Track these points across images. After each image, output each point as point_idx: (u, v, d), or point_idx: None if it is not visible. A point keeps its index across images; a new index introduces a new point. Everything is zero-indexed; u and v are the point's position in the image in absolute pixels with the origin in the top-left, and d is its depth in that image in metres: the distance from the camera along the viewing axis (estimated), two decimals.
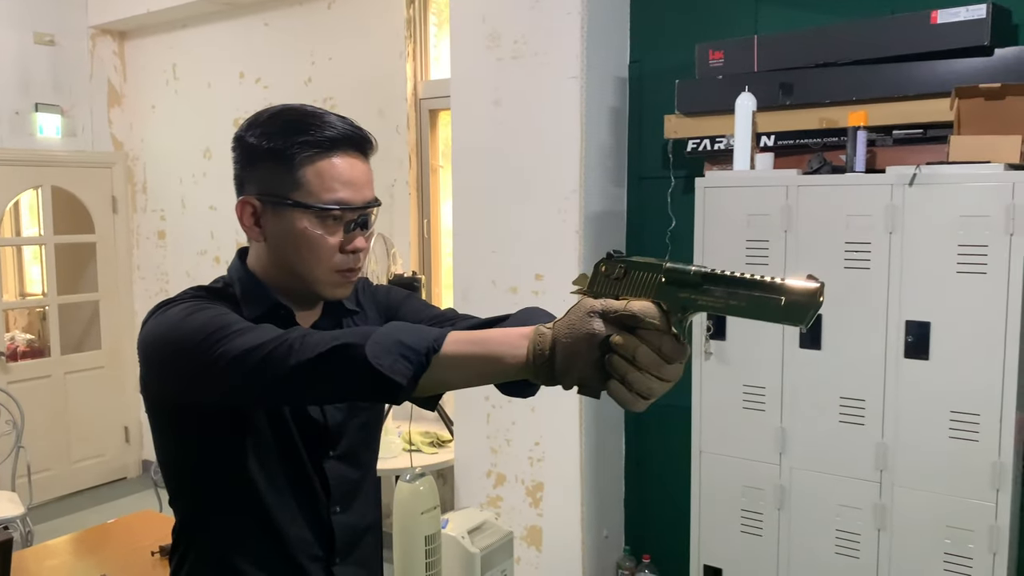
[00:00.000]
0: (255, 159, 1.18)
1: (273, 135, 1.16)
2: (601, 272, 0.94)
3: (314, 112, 1.19)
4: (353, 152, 1.19)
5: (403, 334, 0.98)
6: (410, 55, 3.90)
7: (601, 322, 0.88)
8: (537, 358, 0.92)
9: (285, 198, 1.16)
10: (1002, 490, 2.22)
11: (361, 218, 1.19)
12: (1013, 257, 2.16)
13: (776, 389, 2.55)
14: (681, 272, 0.87)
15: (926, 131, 2.47)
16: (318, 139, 1.15)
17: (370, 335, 0.98)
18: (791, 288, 0.81)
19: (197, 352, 1.06)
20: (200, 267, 4.79)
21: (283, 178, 1.16)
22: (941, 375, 2.28)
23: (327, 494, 1.27)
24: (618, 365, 0.87)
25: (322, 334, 1.02)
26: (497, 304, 3.19)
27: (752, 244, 2.56)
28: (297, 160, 1.15)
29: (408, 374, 0.96)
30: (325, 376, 1.00)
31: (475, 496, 3.37)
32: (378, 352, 0.96)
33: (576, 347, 0.89)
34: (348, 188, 1.17)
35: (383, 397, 1.00)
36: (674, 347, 0.87)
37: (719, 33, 2.91)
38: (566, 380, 0.91)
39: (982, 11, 2.29)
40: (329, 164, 1.16)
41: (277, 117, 1.19)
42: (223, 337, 1.05)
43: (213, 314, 1.10)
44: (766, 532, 2.60)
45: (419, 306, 1.40)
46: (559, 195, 3.02)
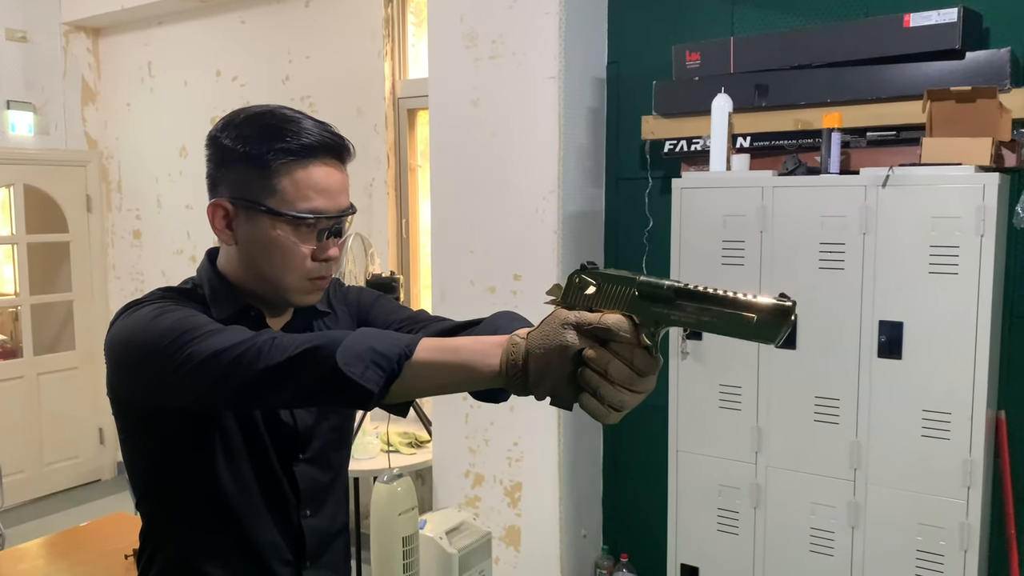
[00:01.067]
0: (229, 161, 1.17)
1: (249, 139, 1.15)
2: (575, 284, 0.94)
3: (292, 117, 1.17)
4: (330, 160, 1.17)
5: (375, 340, 0.97)
6: (388, 54, 3.88)
7: (575, 334, 0.88)
8: (510, 368, 0.92)
9: (259, 204, 1.14)
10: (973, 488, 2.25)
11: (335, 227, 1.18)
12: (983, 257, 2.19)
13: (752, 388, 2.57)
14: (655, 286, 0.87)
15: (899, 133, 2.50)
16: (295, 146, 1.14)
17: (341, 340, 0.97)
18: (763, 306, 0.81)
19: (165, 354, 1.04)
20: (176, 267, 4.74)
21: (258, 184, 1.14)
22: (914, 374, 2.31)
23: (297, 498, 1.26)
24: (590, 379, 0.87)
25: (292, 337, 1.01)
26: (475, 304, 3.19)
27: (728, 244, 2.58)
28: (273, 167, 1.13)
29: (380, 381, 0.95)
30: (294, 381, 0.99)
31: (453, 496, 3.36)
32: (349, 359, 0.95)
33: (549, 358, 0.89)
34: (323, 197, 1.16)
35: (353, 404, 0.99)
36: (647, 361, 0.87)
37: (695, 35, 2.92)
38: (538, 391, 0.91)
39: (953, 15, 2.31)
40: (305, 173, 1.14)
41: (254, 120, 1.17)
42: (191, 339, 1.04)
43: (181, 316, 1.09)
44: (742, 530, 2.62)
45: (391, 307, 1.40)
46: (537, 195, 3.02)
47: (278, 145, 1.13)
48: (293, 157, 1.14)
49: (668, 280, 0.87)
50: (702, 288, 0.85)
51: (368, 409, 1.00)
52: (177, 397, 1.08)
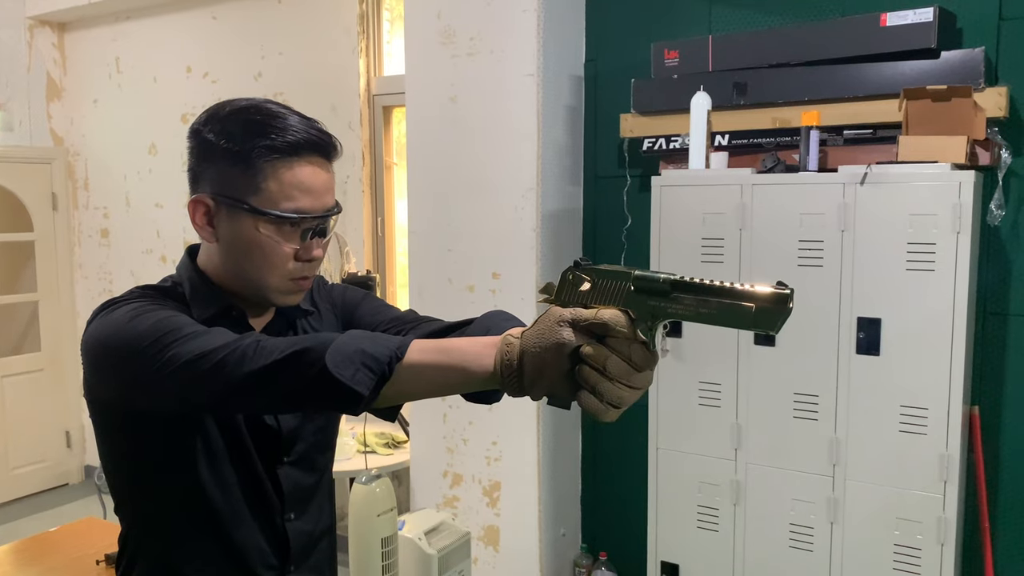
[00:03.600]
0: (211, 156, 1.13)
1: (233, 135, 1.11)
2: (568, 281, 0.92)
3: (278, 113, 1.14)
4: (316, 158, 1.14)
5: (365, 342, 0.95)
6: (363, 51, 3.84)
7: (571, 331, 0.87)
8: (505, 369, 0.90)
9: (242, 202, 1.11)
10: (949, 482, 2.27)
11: (319, 226, 1.16)
12: (960, 254, 2.22)
13: (731, 386, 2.58)
14: (650, 280, 0.86)
15: (875, 131, 2.52)
16: (280, 144, 1.11)
17: (329, 343, 0.94)
18: (762, 295, 0.81)
19: (144, 356, 1.01)
20: (146, 266, 4.65)
21: (241, 181, 1.11)
22: (891, 370, 2.33)
23: (281, 501, 1.23)
24: (588, 376, 0.86)
25: (277, 341, 0.99)
26: (453, 303, 3.17)
27: (708, 242, 2.58)
28: (257, 165, 1.10)
29: (370, 384, 0.93)
30: (281, 385, 0.96)
31: (431, 497, 3.34)
32: (339, 361, 0.93)
33: (545, 357, 0.87)
34: (308, 196, 1.13)
35: (343, 408, 0.96)
36: (644, 355, 0.86)
37: (673, 33, 2.93)
38: (535, 391, 0.90)
39: (929, 14, 2.34)
40: (291, 171, 1.11)
41: (238, 115, 1.14)
42: (173, 341, 1.01)
43: (162, 316, 1.06)
44: (722, 527, 2.63)
45: (377, 306, 1.37)
46: (516, 193, 3.00)
47: (263, 142, 1.10)
48: (278, 155, 1.11)
49: (664, 273, 0.86)
50: (699, 280, 0.85)
51: (357, 413, 0.97)
52: (158, 400, 1.05)
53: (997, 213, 2.41)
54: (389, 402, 0.98)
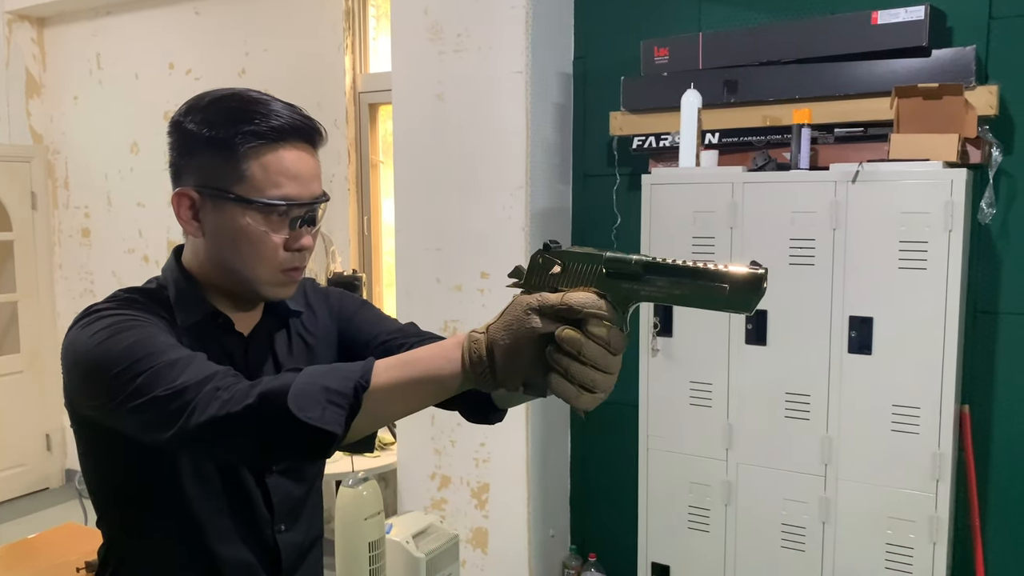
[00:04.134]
0: (194, 147, 1.09)
1: (215, 123, 1.08)
2: (538, 264, 0.90)
3: (260, 99, 1.10)
4: (301, 144, 1.11)
5: (326, 378, 0.91)
6: (348, 47, 3.80)
7: (538, 318, 0.84)
8: (475, 365, 0.87)
9: (227, 192, 1.08)
10: (941, 481, 2.27)
11: (308, 214, 1.12)
12: (951, 253, 2.21)
13: (723, 385, 2.56)
14: (622, 262, 0.84)
15: (866, 129, 2.51)
16: (264, 129, 1.07)
17: (288, 386, 0.90)
18: (735, 275, 0.79)
19: (114, 383, 0.98)
20: (127, 266, 4.58)
21: (225, 170, 1.07)
22: (883, 369, 2.32)
23: (271, 512, 1.19)
24: (559, 359, 0.83)
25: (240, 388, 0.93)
26: (441, 302, 3.14)
27: (698, 240, 2.56)
28: (241, 152, 1.07)
29: (341, 421, 0.88)
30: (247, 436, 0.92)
31: (419, 499, 3.30)
32: (304, 403, 0.88)
33: (516, 346, 0.85)
34: (295, 183, 1.09)
35: (316, 451, 0.91)
36: (618, 338, 0.84)
37: (661, 30, 2.90)
38: (510, 382, 0.87)
39: (920, 12, 2.33)
40: (276, 157, 1.08)
41: (219, 103, 1.10)
42: (144, 371, 0.97)
43: (139, 336, 1.01)
44: (713, 528, 2.61)
45: (376, 316, 1.32)
46: (505, 191, 2.97)
47: (246, 128, 1.07)
48: (262, 141, 1.07)
49: (636, 255, 0.85)
50: (671, 261, 0.83)
51: (330, 455, 0.92)
52: (127, 427, 1.01)
53: (988, 211, 2.41)
54: (363, 433, 0.94)
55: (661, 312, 2.62)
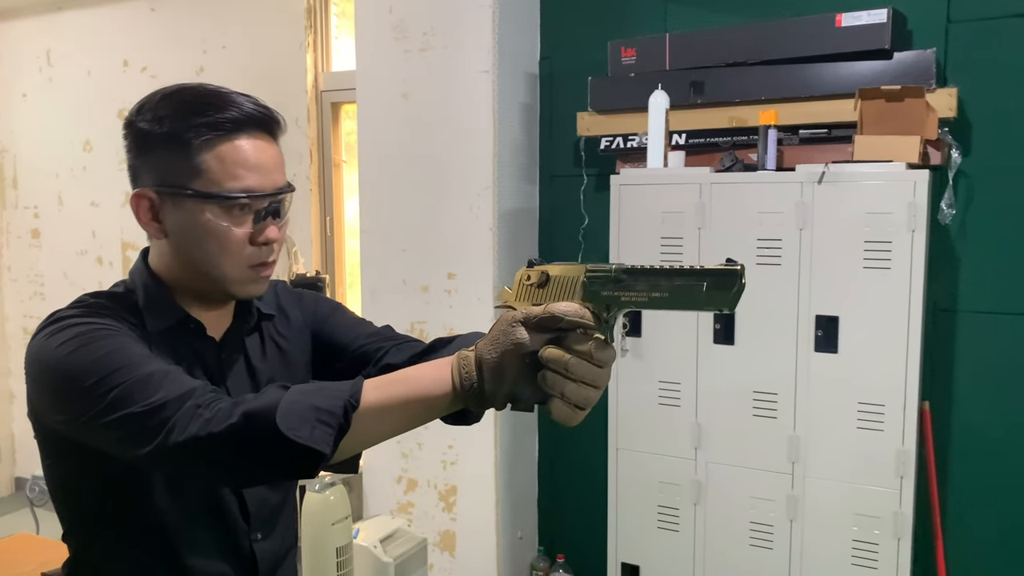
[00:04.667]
0: (149, 146, 1.06)
1: (167, 118, 1.04)
2: (524, 282, 0.93)
3: (213, 91, 1.07)
4: (259, 133, 1.07)
5: (315, 397, 0.89)
6: (310, 46, 3.74)
7: (523, 330, 0.85)
8: (465, 382, 0.87)
9: (184, 188, 1.04)
10: (906, 477, 2.30)
11: (272, 206, 1.08)
12: (915, 252, 2.25)
13: (691, 385, 2.57)
14: (602, 270, 0.86)
15: (831, 131, 2.54)
16: (219, 120, 1.04)
17: (276, 404, 0.88)
18: (712, 272, 0.81)
19: (88, 397, 0.94)
20: (80, 268, 4.45)
21: (181, 166, 1.04)
22: (849, 368, 2.34)
23: (247, 521, 1.16)
24: (553, 381, 0.85)
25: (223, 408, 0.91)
26: (407, 303, 3.10)
27: (667, 241, 2.57)
28: (195, 145, 1.03)
29: (330, 440, 0.87)
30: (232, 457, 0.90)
31: (385, 503, 3.26)
32: (293, 423, 0.86)
33: (502, 362, 0.85)
34: (255, 173, 1.06)
35: (302, 471, 0.89)
36: (604, 350, 0.85)
37: (627, 31, 2.91)
38: (497, 400, 0.87)
39: (883, 15, 2.37)
40: (232, 147, 1.04)
41: (171, 98, 1.06)
42: (117, 385, 0.93)
43: (111, 348, 0.97)
44: (682, 527, 2.62)
45: (351, 320, 1.30)
46: (472, 192, 2.95)
47: (199, 121, 1.03)
48: (217, 132, 1.04)
49: (615, 263, 0.87)
50: (648, 266, 0.85)
51: (316, 475, 0.91)
52: (97, 443, 0.97)
53: (948, 212, 2.45)
54: (349, 452, 0.92)
55: (630, 312, 2.62)
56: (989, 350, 2.52)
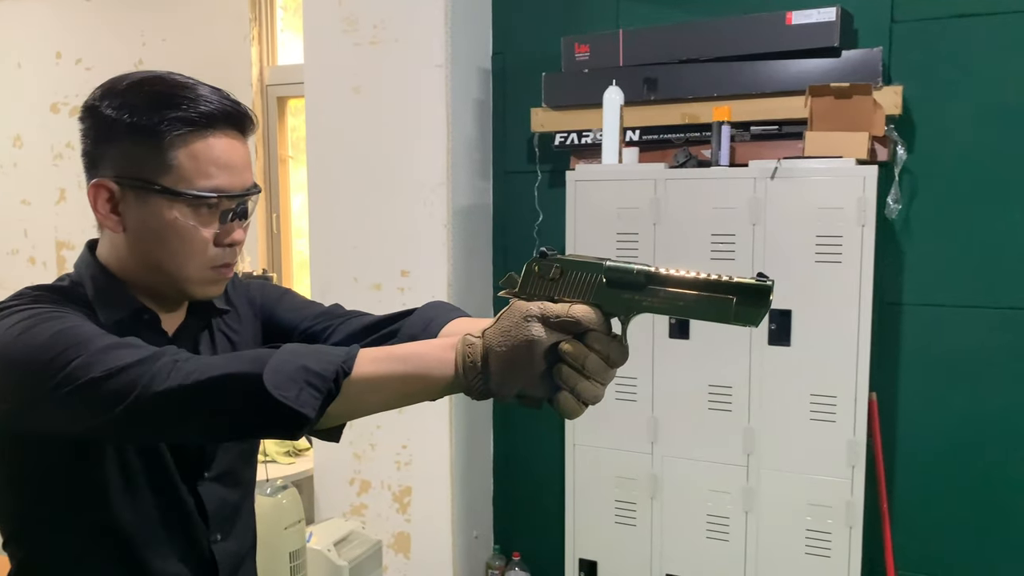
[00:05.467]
0: (112, 135, 1.00)
1: (137, 108, 0.99)
2: (534, 272, 0.87)
3: (185, 83, 1.02)
4: (232, 131, 1.03)
5: (307, 358, 0.86)
6: (255, 38, 3.65)
7: (541, 327, 0.82)
8: (468, 371, 0.84)
9: (152, 183, 0.99)
10: (857, 467, 2.35)
11: (240, 207, 1.04)
12: (864, 247, 2.29)
13: (648, 379, 2.58)
14: (624, 272, 0.83)
15: (781, 127, 2.58)
16: (192, 116, 0.99)
17: (266, 360, 0.85)
18: (743, 287, 0.79)
19: (41, 374, 0.88)
20: (11, 269, 4.25)
21: (149, 159, 0.99)
22: (802, 360, 2.38)
23: (205, 521, 1.11)
24: (568, 376, 0.82)
25: (204, 359, 0.89)
26: (359, 302, 2.99)
27: (622, 237, 2.58)
28: (167, 139, 0.98)
29: (316, 405, 0.84)
30: (210, 410, 0.87)
31: (337, 506, 3.20)
32: (280, 381, 0.83)
33: (515, 355, 0.82)
34: (226, 173, 1.02)
35: (283, 433, 0.87)
36: (620, 352, 0.83)
37: (580, 27, 2.91)
38: (504, 391, 0.84)
39: (832, 14, 2.41)
40: (205, 145, 1.00)
41: (140, 87, 1.01)
42: (76, 357, 0.88)
43: (64, 326, 0.93)
44: (639, 521, 2.63)
45: (300, 303, 1.26)
46: (425, 188, 2.92)
47: (173, 114, 0.98)
48: (190, 128, 0.99)
49: (637, 264, 0.83)
50: (674, 272, 0.81)
51: (297, 438, 0.88)
52: (57, 424, 0.92)
53: (894, 207, 2.51)
54: (336, 421, 0.89)
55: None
56: (933, 342, 2.59)
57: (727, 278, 0.80)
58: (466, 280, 3.01)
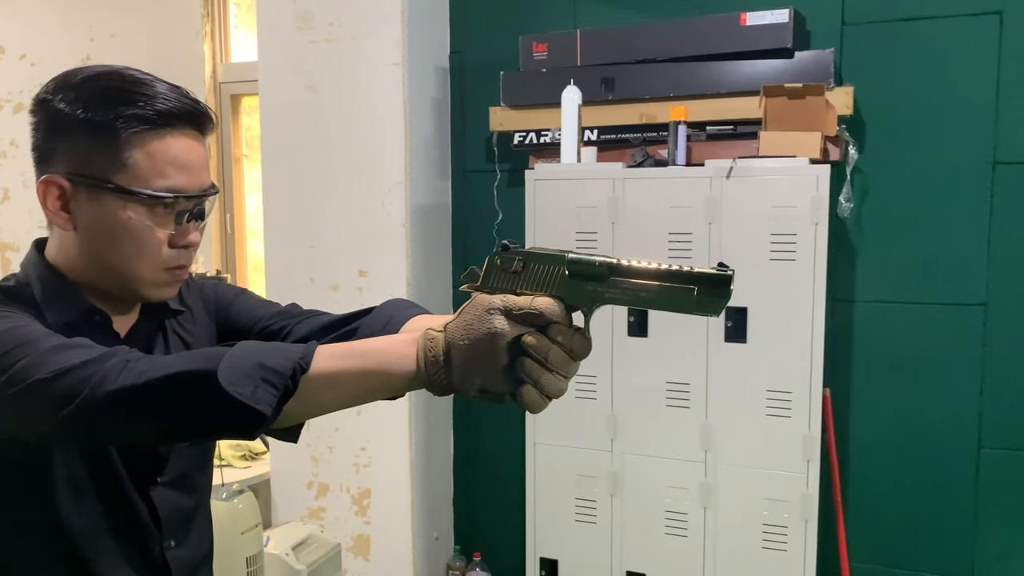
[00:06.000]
0: (65, 129, 0.97)
1: (92, 103, 0.96)
2: (496, 265, 0.87)
3: (142, 79, 1.00)
4: (190, 130, 1.01)
5: (262, 355, 0.84)
6: (208, 35, 3.58)
7: (504, 320, 0.81)
8: (430, 366, 0.83)
9: (105, 181, 0.96)
10: (812, 461, 2.39)
11: (196, 208, 1.02)
12: (818, 244, 2.34)
13: (607, 377, 2.59)
14: (586, 264, 0.83)
15: (736, 127, 2.61)
16: (150, 113, 0.97)
17: (220, 358, 0.83)
18: (705, 277, 0.79)
19: None
20: None
21: (103, 157, 0.96)
22: (758, 357, 2.42)
23: (158, 527, 1.08)
24: (531, 369, 0.81)
25: (155, 358, 0.86)
26: (317, 303, 2.96)
27: (581, 236, 2.59)
28: (123, 137, 0.96)
29: (272, 402, 0.82)
30: (162, 410, 0.84)
31: (295, 509, 3.15)
32: (234, 378, 0.81)
33: (477, 349, 0.81)
34: (183, 173, 0.99)
35: (239, 432, 0.84)
36: (583, 344, 0.83)
37: (537, 27, 2.91)
38: (467, 386, 0.83)
39: (785, 15, 2.45)
40: (162, 144, 0.98)
41: (96, 82, 0.98)
42: (23, 357, 0.86)
43: (8, 325, 0.90)
44: (600, 519, 2.64)
45: (256, 303, 1.24)
46: (383, 187, 2.89)
47: (129, 111, 0.96)
48: (147, 126, 0.97)
49: (599, 256, 0.83)
50: (636, 263, 0.81)
51: (254, 437, 0.85)
52: (4, 427, 0.89)
53: (846, 205, 2.56)
54: (295, 419, 0.87)
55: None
56: (883, 337, 2.65)
57: (688, 268, 0.80)
58: (425, 280, 3.00)
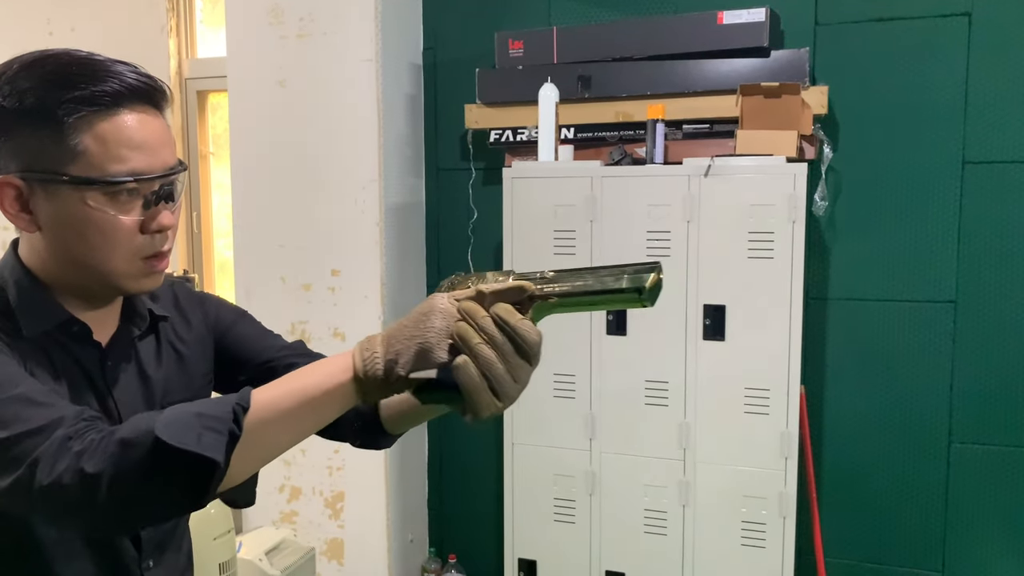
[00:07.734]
0: (8, 126, 0.91)
1: (29, 92, 0.89)
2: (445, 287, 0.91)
3: (83, 59, 0.92)
4: (142, 106, 0.94)
5: (197, 407, 0.81)
6: (173, 30, 3.50)
7: (444, 297, 0.83)
8: (368, 365, 0.81)
9: (58, 174, 0.90)
10: (790, 458, 2.41)
11: (164, 188, 0.95)
12: (795, 242, 2.35)
13: (585, 376, 2.58)
14: (531, 273, 0.89)
15: (713, 126, 2.62)
16: (95, 94, 0.90)
17: (153, 420, 0.78)
18: (632, 267, 0.84)
19: None
20: None
21: (52, 148, 0.90)
22: (736, 354, 2.42)
23: (137, 549, 1.03)
24: (464, 331, 0.80)
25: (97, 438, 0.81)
26: (287, 303, 2.95)
27: (559, 234, 2.57)
28: (68, 124, 0.89)
29: (221, 446, 0.77)
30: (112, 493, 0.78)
31: (267, 514, 3.09)
32: (174, 432, 0.76)
33: (412, 321, 0.82)
34: (141, 153, 0.92)
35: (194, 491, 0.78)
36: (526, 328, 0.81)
37: (512, 23, 2.89)
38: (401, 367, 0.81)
39: (761, 14, 2.46)
40: (113, 125, 0.90)
41: (32, 68, 0.91)
42: None
43: None
44: (579, 518, 2.63)
45: (258, 331, 1.18)
46: (356, 185, 2.84)
47: (70, 95, 0.89)
48: (93, 108, 0.90)
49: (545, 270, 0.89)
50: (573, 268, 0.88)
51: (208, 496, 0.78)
52: None
53: (821, 204, 2.58)
54: (247, 471, 0.82)
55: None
56: (857, 335, 2.68)
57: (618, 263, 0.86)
58: (399, 278, 2.96)
